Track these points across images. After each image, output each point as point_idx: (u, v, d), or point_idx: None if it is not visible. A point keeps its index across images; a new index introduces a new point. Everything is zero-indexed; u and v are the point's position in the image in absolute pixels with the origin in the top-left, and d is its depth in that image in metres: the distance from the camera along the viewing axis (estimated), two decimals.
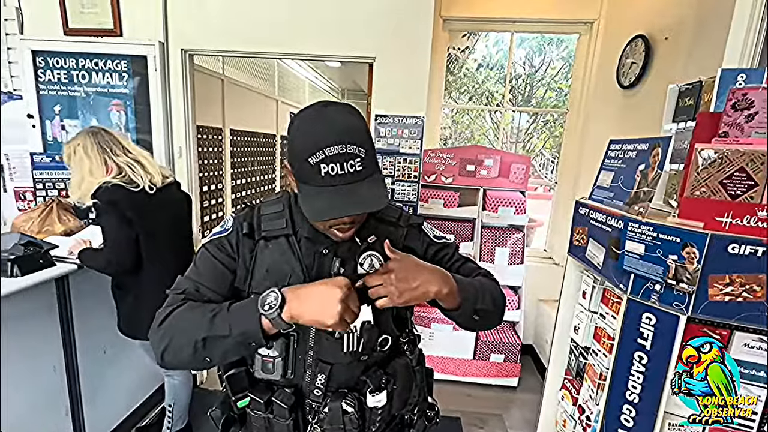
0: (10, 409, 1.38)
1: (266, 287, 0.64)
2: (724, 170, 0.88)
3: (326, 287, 0.63)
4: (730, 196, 0.88)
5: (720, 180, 0.89)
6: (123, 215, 1.37)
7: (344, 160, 0.60)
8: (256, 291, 0.68)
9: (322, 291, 0.62)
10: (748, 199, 0.87)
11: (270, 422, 0.73)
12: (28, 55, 1.99)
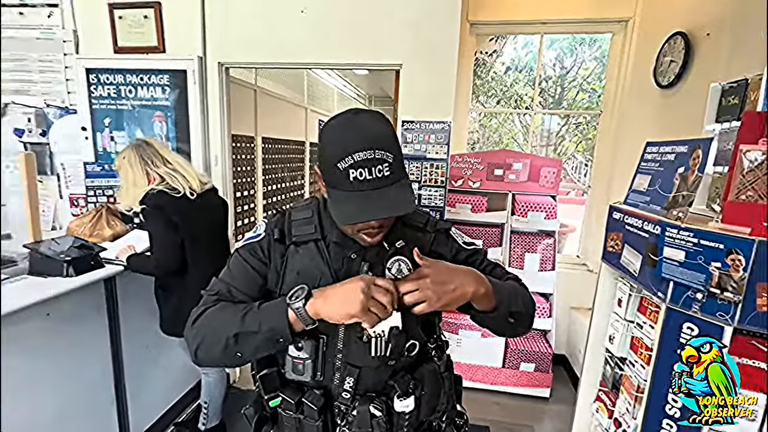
0: (62, 399, 1.49)
1: None
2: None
3: (349, 282, 0.65)
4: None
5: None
6: (169, 219, 1.46)
7: (372, 165, 0.61)
8: (286, 293, 0.70)
9: (346, 286, 0.64)
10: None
11: (300, 423, 0.75)
12: (83, 73, 2.16)
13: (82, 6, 2.11)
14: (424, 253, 0.72)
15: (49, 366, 1.44)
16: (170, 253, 1.51)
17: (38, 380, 1.40)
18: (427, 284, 0.65)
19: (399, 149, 0.66)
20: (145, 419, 1.91)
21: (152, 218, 1.47)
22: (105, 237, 1.88)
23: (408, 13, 1.94)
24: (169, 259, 1.51)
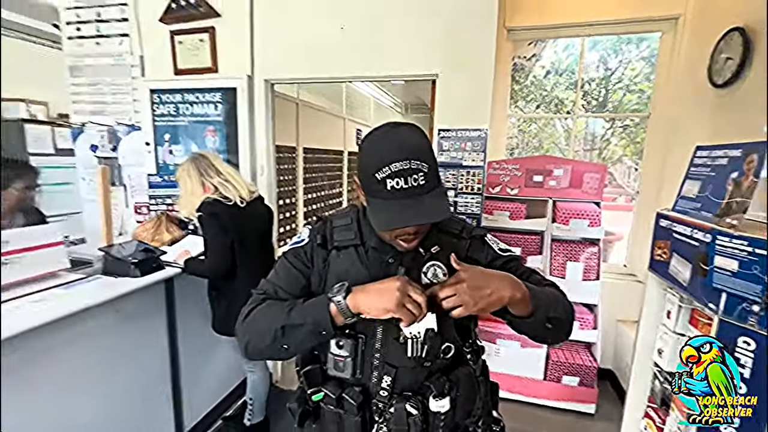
0: (127, 389, 1.65)
1: None
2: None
3: (388, 281, 0.70)
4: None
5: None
6: (222, 226, 1.59)
7: (408, 174, 0.65)
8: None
9: (384, 283, 0.69)
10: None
11: (341, 418, 0.79)
12: (147, 93, 2.40)
13: (148, 34, 2.35)
14: (460, 259, 0.75)
15: (118, 358, 1.59)
16: (222, 257, 1.63)
17: (108, 371, 1.56)
18: (463, 289, 0.67)
19: (434, 159, 0.70)
20: (196, 412, 2.05)
21: (207, 225, 1.60)
22: (164, 242, 2.05)
23: (444, 23, 1.97)
24: (221, 262, 1.64)
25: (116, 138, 2.49)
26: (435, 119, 2.09)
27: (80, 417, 1.44)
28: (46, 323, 1.25)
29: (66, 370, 1.39)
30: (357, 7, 2.06)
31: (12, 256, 1.38)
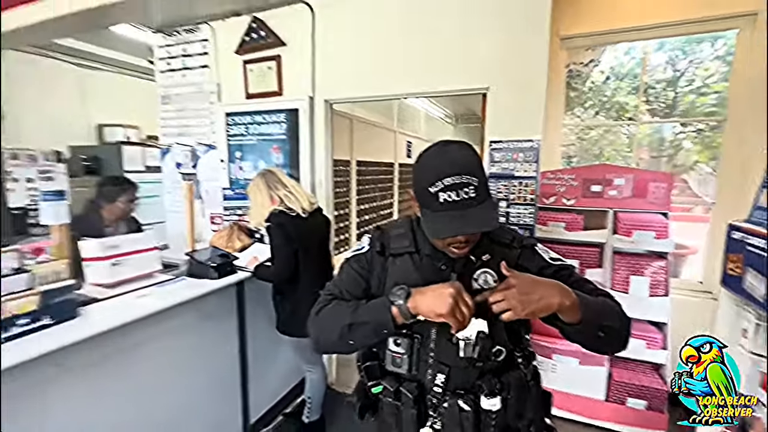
0: (204, 380, 1.84)
1: None
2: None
3: (442, 286, 0.76)
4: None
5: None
6: (288, 235, 1.75)
7: (459, 188, 0.72)
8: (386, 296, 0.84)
9: (438, 288, 0.76)
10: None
11: (398, 410, 0.86)
12: (222, 116, 2.70)
13: (224, 65, 2.66)
14: (511, 267, 0.79)
15: (196, 353, 1.80)
16: (286, 263, 1.79)
17: (188, 364, 1.76)
18: (512, 294, 0.72)
19: (483, 174, 0.76)
20: (260, 406, 2.23)
21: (274, 234, 1.77)
22: (236, 248, 2.28)
23: (494, 38, 2.01)
24: (286, 268, 1.80)
25: (196, 156, 2.83)
26: (486, 131, 2.12)
27: (164, 404, 1.65)
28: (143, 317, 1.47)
29: (150, 363, 1.59)
30: (409, 27, 2.17)
31: (121, 258, 1.65)
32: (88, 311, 1.42)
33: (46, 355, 1.17)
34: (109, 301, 1.55)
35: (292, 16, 2.40)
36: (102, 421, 1.40)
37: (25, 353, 1.13)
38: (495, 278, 0.83)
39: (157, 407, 1.61)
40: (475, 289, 0.83)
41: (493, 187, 2.09)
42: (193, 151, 2.82)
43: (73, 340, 1.23)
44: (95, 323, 1.33)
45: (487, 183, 0.77)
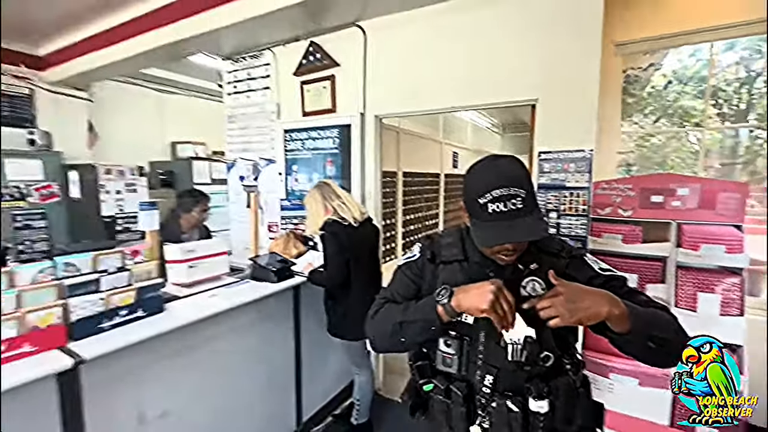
0: (261, 376, 1.99)
1: None
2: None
3: (483, 284, 0.81)
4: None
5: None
6: (341, 243, 1.88)
7: (507, 199, 0.77)
8: None
9: (480, 285, 0.81)
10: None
11: (448, 407, 0.91)
12: (281, 133, 2.93)
13: (284, 86, 2.90)
14: (559, 276, 0.82)
15: (258, 348, 1.96)
16: (338, 269, 1.91)
17: (251, 358, 1.93)
18: (560, 301, 0.75)
19: (531, 186, 0.81)
20: (312, 405, 2.35)
21: (328, 242, 1.90)
22: (292, 255, 2.45)
23: (543, 49, 2.02)
24: (338, 274, 1.91)
25: (257, 170, 3.08)
26: (534, 141, 2.12)
27: (229, 392, 1.82)
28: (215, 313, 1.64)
29: (220, 356, 1.76)
30: (456, 43, 2.24)
31: (196, 261, 1.86)
32: (171, 307, 1.62)
33: (142, 343, 1.37)
34: (186, 299, 1.76)
35: (346, 39, 2.57)
36: (182, 402, 1.58)
37: (125, 339, 1.33)
38: (543, 286, 0.86)
39: (224, 395, 1.78)
40: (523, 297, 0.86)
41: (543, 197, 2.07)
42: (255, 165, 3.08)
43: (161, 331, 1.42)
44: (178, 317, 1.52)
45: (534, 194, 0.81)
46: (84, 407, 1.25)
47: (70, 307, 1.25)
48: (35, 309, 1.17)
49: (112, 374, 1.33)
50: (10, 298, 1.13)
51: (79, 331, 1.27)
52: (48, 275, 1.24)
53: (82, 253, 1.34)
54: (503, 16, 2.11)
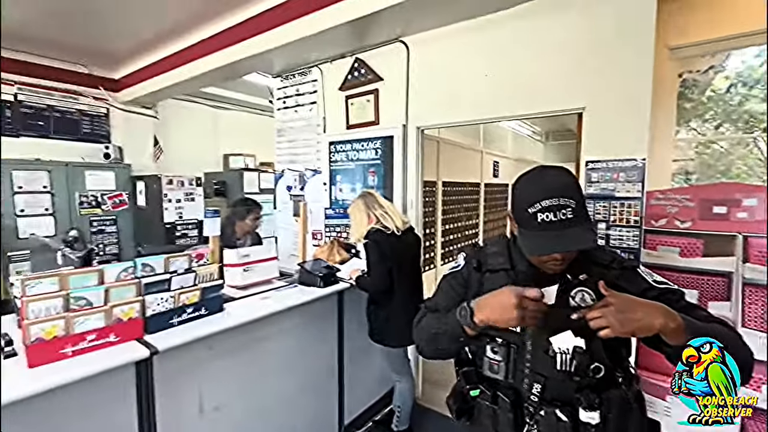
0: (306, 376, 2.07)
1: None
2: None
3: (501, 295, 0.81)
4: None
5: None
6: (383, 251, 1.94)
7: (557, 209, 0.78)
8: None
9: (497, 297, 0.82)
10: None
11: (495, 413, 0.92)
12: (326, 145, 3.07)
13: (330, 100, 3.05)
14: (609, 287, 0.81)
15: (304, 349, 2.05)
16: (381, 277, 1.96)
17: (297, 359, 2.02)
18: (611, 311, 0.74)
19: (581, 196, 0.82)
20: (353, 409, 2.40)
21: (371, 249, 1.97)
22: (336, 261, 2.55)
23: (590, 56, 1.98)
24: (380, 281, 1.97)
25: (304, 180, 3.24)
26: (582, 151, 2.07)
27: (277, 391, 1.91)
28: (266, 315, 1.75)
29: (270, 355, 1.86)
30: (499, 53, 2.26)
31: (251, 266, 2.00)
32: (229, 307, 1.75)
33: (204, 339, 1.50)
34: (241, 300, 1.89)
35: (390, 54, 2.67)
36: (234, 397, 1.70)
37: (191, 335, 1.46)
38: (592, 296, 0.85)
39: (271, 394, 1.88)
40: (572, 307, 0.86)
41: (591, 207, 2.02)
42: (302, 175, 3.25)
43: (221, 329, 1.55)
44: (235, 317, 1.65)
45: (584, 205, 0.82)
46: (156, 394, 1.39)
47: (146, 303, 1.40)
48: (119, 303, 1.33)
49: (178, 366, 1.47)
50: (99, 294, 1.30)
51: (153, 325, 1.42)
52: (129, 274, 1.41)
53: (157, 255, 1.49)
54: (544, 28, 2.10)
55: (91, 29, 3.31)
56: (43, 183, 3.81)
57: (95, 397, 1.25)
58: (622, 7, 1.90)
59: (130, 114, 4.61)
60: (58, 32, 3.35)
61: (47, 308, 1.20)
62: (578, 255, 0.89)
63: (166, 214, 4.04)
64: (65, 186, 3.94)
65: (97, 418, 1.26)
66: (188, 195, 4.20)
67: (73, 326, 1.22)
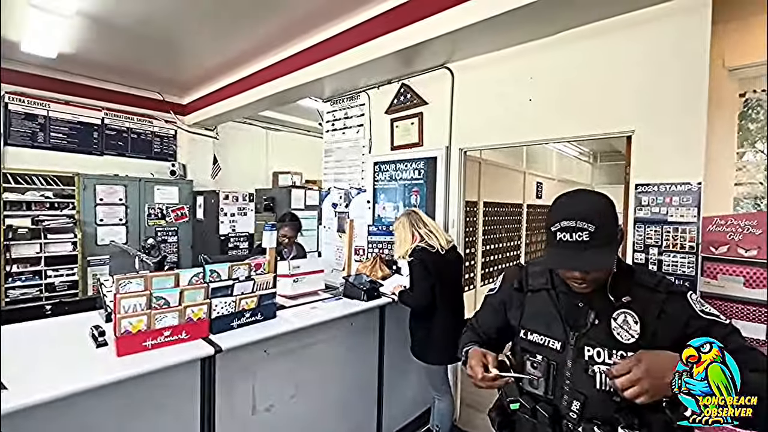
0: (349, 385, 2.13)
1: (533, 325, 0.98)
2: None
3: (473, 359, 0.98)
4: None
5: None
6: (427, 268, 2.00)
7: (573, 231, 0.83)
8: (524, 326, 1.01)
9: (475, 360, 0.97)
10: None
11: (535, 427, 0.94)
12: (371, 165, 3.22)
13: (376, 123, 3.22)
14: (654, 312, 0.85)
15: (346, 360, 2.13)
16: (424, 294, 2.01)
17: (340, 368, 2.10)
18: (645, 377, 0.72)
19: (606, 221, 0.84)
20: (391, 425, 2.42)
21: (416, 267, 2.03)
22: (377, 277, 2.64)
23: (640, 77, 1.97)
24: (423, 298, 2.02)
25: (349, 198, 3.40)
26: (631, 173, 2.03)
27: (320, 396, 1.99)
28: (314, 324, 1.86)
29: (315, 363, 1.95)
30: (546, 76, 2.29)
31: (301, 276, 2.14)
32: (280, 314, 1.88)
33: (259, 342, 1.63)
34: (291, 309, 2.02)
35: (435, 79, 2.80)
36: (283, 400, 1.80)
37: (249, 337, 1.60)
38: (636, 319, 0.86)
39: (315, 399, 1.96)
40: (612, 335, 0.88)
41: (640, 231, 1.96)
42: (347, 193, 3.41)
43: (275, 333, 1.68)
44: (287, 323, 1.77)
45: (609, 230, 0.85)
46: (216, 391, 1.52)
47: (212, 305, 1.56)
48: (191, 305, 1.49)
49: (236, 366, 1.60)
50: (175, 295, 1.47)
51: (217, 327, 1.57)
52: (200, 279, 1.58)
53: (223, 264, 1.66)
54: (591, 51, 2.12)
55: (165, 60, 3.77)
56: (119, 196, 4.28)
57: (166, 390, 1.40)
58: (674, 29, 1.89)
59: (194, 135, 5.09)
60: (137, 63, 3.85)
61: (134, 305, 1.38)
62: (624, 276, 0.91)
63: (221, 226, 4.36)
64: (137, 199, 4.39)
65: (168, 409, 1.41)
66: (241, 209, 4.52)
67: (154, 322, 1.39)
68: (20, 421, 1.07)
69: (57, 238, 3.91)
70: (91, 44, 3.35)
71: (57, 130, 4.14)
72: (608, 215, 0.86)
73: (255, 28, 3.01)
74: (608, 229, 0.85)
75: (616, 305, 0.89)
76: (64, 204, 4.00)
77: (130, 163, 4.63)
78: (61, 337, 1.55)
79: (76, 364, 1.30)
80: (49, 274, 3.86)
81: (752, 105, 2.92)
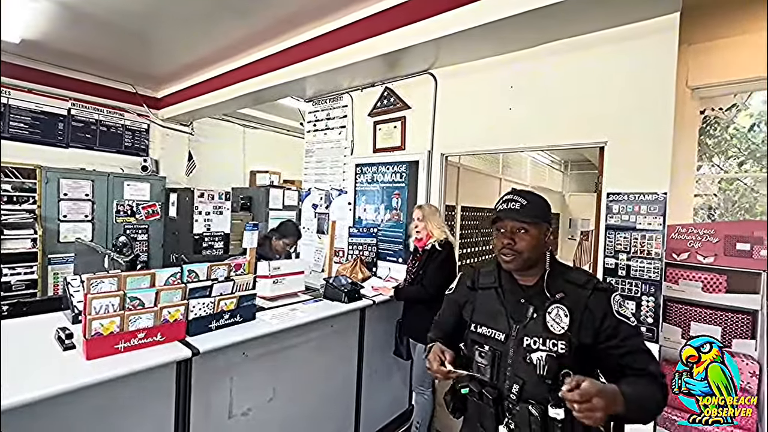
0: (328, 386, 2.12)
1: (482, 320, 1.10)
2: None
3: (433, 353, 1.10)
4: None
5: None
6: (450, 263, 2.18)
7: (508, 201, 1.06)
8: (475, 321, 1.13)
9: (433, 353, 1.09)
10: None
11: (481, 408, 1.06)
12: (353, 167, 3.22)
13: (358, 125, 3.22)
14: (578, 307, 0.99)
15: (324, 362, 2.11)
16: (438, 284, 2.07)
17: (319, 370, 2.08)
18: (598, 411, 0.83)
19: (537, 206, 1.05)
20: (370, 426, 2.42)
21: (442, 258, 2.17)
22: (358, 279, 2.64)
23: (613, 92, 2.08)
24: (433, 287, 2.12)
25: (329, 199, 3.38)
26: (603, 183, 2.14)
27: (299, 400, 1.97)
28: (294, 326, 1.84)
29: (294, 365, 1.93)
30: (526, 86, 2.38)
31: (279, 278, 2.11)
32: (260, 316, 1.85)
33: (237, 344, 1.59)
34: (270, 310, 1.99)
35: (418, 84, 2.84)
36: (260, 403, 1.76)
37: (226, 340, 1.56)
38: (566, 312, 0.99)
39: (294, 402, 1.93)
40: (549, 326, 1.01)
41: (611, 237, 2.07)
42: (328, 194, 3.39)
43: (254, 335, 1.64)
44: (266, 325, 1.74)
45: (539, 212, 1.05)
46: (191, 394, 1.47)
47: (190, 306, 1.51)
48: (168, 305, 1.44)
49: (213, 369, 1.55)
50: (151, 295, 1.42)
51: (194, 328, 1.52)
52: (177, 279, 1.52)
53: (202, 263, 1.61)
54: (568, 65, 2.22)
55: (140, 52, 3.62)
56: (85, 191, 4.07)
57: (139, 393, 1.35)
58: (644, 48, 2.01)
59: (168, 130, 4.91)
60: (110, 54, 3.68)
61: (106, 306, 1.31)
62: (556, 274, 1.06)
63: (196, 225, 4.23)
64: (105, 195, 4.19)
65: (142, 412, 1.35)
66: (217, 208, 4.40)
67: (127, 324, 1.33)
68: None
69: (15, 234, 3.67)
70: (59, 31, 3.18)
71: (17, 119, 3.90)
72: (540, 204, 1.08)
73: (237, 25, 2.95)
74: (537, 210, 1.05)
75: (551, 300, 1.02)
76: (23, 198, 3.76)
77: (98, 156, 4.42)
78: (22, 340, 1.46)
79: (40, 368, 1.23)
80: (5, 273, 3.62)
81: (710, 122, 3.13)
